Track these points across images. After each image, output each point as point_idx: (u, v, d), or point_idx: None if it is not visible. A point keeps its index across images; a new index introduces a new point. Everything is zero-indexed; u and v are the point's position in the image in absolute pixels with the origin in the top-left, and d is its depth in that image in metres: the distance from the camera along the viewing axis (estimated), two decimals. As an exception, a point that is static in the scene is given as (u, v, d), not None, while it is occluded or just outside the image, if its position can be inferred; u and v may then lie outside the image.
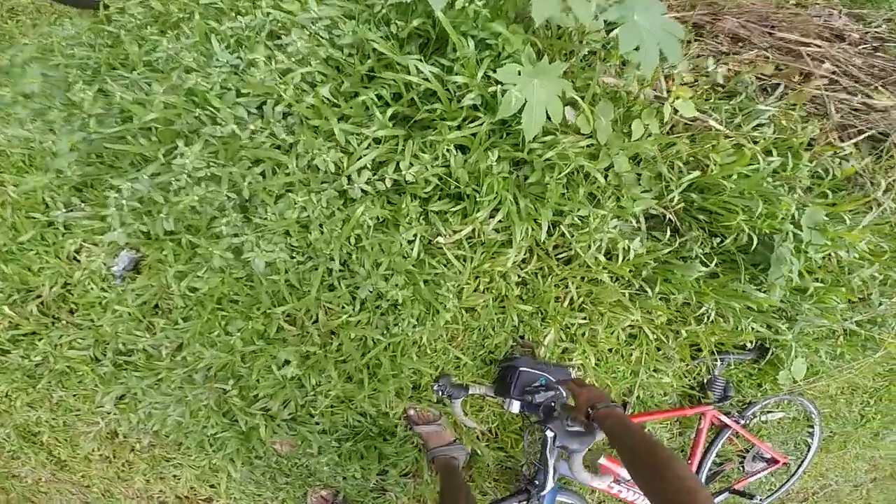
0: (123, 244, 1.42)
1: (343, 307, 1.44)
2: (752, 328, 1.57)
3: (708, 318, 1.54)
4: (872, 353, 1.86)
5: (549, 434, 1.38)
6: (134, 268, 1.54)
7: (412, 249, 1.40)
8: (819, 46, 1.65)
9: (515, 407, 1.52)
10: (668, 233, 1.47)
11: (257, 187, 1.29)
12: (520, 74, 1.22)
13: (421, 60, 1.26)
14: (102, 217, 1.41)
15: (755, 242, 1.39)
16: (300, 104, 1.25)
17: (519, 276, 1.52)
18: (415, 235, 1.39)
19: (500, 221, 1.39)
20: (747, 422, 2.03)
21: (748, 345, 1.76)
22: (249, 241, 1.31)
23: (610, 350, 1.66)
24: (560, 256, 1.54)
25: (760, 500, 2.20)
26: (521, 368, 1.52)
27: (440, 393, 1.59)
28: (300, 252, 1.41)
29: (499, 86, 1.24)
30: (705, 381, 1.89)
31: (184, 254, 1.42)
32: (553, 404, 1.45)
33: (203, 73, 1.28)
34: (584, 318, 1.57)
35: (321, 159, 1.25)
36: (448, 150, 1.31)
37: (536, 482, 1.65)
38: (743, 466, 2.28)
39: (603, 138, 1.37)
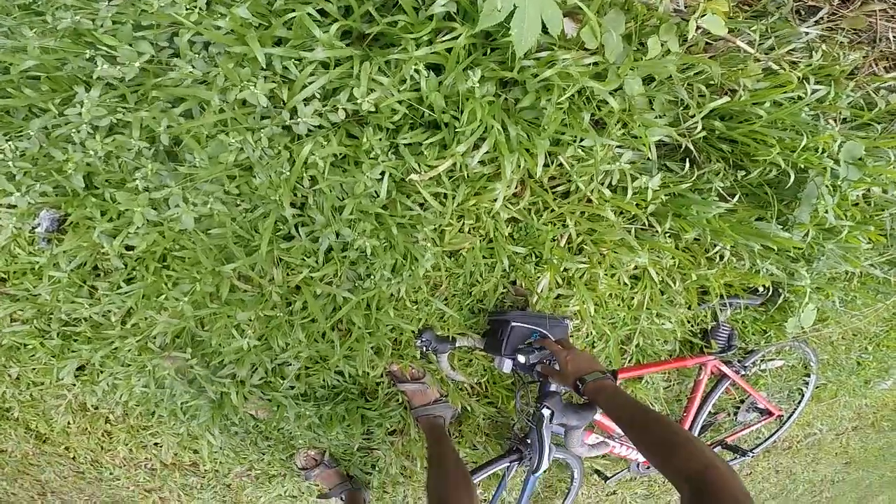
0: (27, 207, 1.23)
1: (304, 260, 1.25)
2: (767, 270, 1.41)
3: (721, 258, 1.38)
4: (885, 298, 1.74)
5: (546, 412, 1.25)
6: (58, 228, 1.36)
7: (380, 189, 1.21)
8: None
9: (507, 366, 1.39)
10: (686, 164, 1.30)
11: (178, 130, 1.10)
12: (505, -26, 0.99)
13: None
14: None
15: (792, 177, 1.23)
16: (218, 31, 1.02)
17: (509, 214, 1.33)
18: (382, 173, 1.20)
19: (486, 153, 1.20)
20: (747, 371, 1.94)
21: (760, 289, 1.62)
22: (175, 195, 1.13)
23: (610, 295, 1.51)
24: (557, 189, 1.34)
25: (753, 455, 2.16)
26: (513, 323, 1.37)
27: (424, 348, 1.45)
28: (246, 199, 1.22)
29: (478, -11, 1.01)
30: (709, 328, 1.76)
31: (112, 210, 1.22)
32: (549, 362, 1.32)
33: (90, 9, 1.05)
34: (585, 261, 1.39)
35: (249, 92, 1.05)
36: (417, 71, 1.11)
37: (528, 440, 1.55)
38: (736, 417, 2.23)
39: (612, 55, 1.16)
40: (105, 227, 1.21)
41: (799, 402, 2.32)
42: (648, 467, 2.07)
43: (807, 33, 1.28)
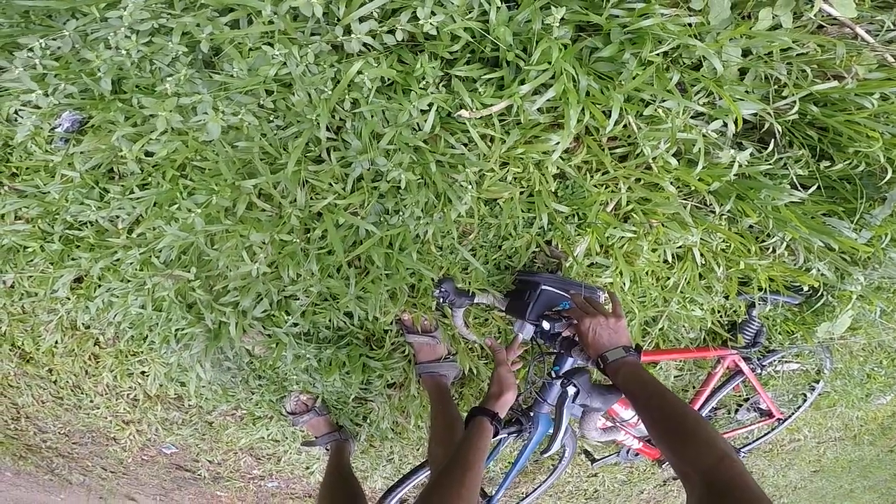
0: (50, 107, 1.16)
1: (331, 185, 1.13)
2: (819, 270, 1.32)
3: (773, 250, 1.28)
4: (924, 314, 1.67)
5: (571, 390, 1.16)
6: (79, 129, 1.28)
7: (425, 122, 1.11)
8: None
9: (528, 332, 1.29)
10: (763, 146, 1.20)
11: (221, 38, 1.03)
12: None
13: None
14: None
15: (889, 173, 1.16)
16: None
17: (559, 169, 1.22)
18: (430, 105, 1.11)
19: (548, 100, 1.09)
20: (762, 371, 1.88)
21: (805, 288, 1.52)
22: (205, 102, 1.06)
23: (647, 272, 1.41)
24: (615, 151, 1.22)
25: (744, 455, 2.13)
26: (543, 286, 1.26)
27: (441, 299, 1.36)
28: (281, 116, 1.13)
29: None
30: (739, 321, 1.68)
31: (136, 115, 1.15)
32: (575, 339, 1.22)
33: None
34: (633, 231, 1.29)
35: (303, 1, 0.97)
36: (489, 0, 1.01)
37: (531, 413, 1.48)
38: (736, 414, 2.19)
39: (716, 19, 1.06)
40: (126, 130, 1.14)
41: (799, 407, 2.28)
42: (637, 455, 2.04)
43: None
